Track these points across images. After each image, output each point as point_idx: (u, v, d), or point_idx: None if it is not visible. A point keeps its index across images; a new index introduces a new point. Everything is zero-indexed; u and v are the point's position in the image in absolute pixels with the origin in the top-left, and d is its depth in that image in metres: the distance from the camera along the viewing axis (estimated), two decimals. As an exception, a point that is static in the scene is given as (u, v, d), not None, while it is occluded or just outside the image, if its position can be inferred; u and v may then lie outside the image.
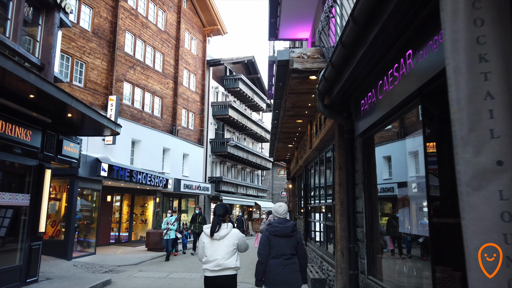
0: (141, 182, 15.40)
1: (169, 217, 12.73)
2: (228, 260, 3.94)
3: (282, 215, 4.45)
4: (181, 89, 22.47)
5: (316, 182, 10.08)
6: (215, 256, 3.93)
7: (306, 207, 11.91)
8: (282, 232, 4.21)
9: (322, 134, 7.46)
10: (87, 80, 15.49)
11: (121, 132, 17.55)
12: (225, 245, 3.97)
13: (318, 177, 9.37)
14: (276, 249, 4.15)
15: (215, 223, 4.06)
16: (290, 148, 13.33)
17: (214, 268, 3.91)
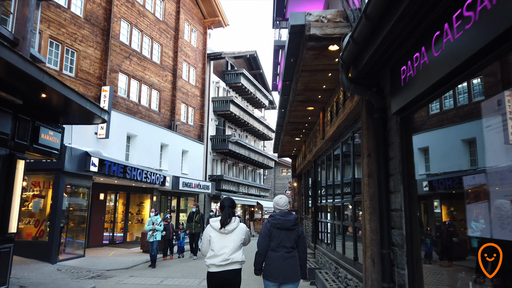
0: (136, 179, 14.34)
1: (154, 216, 11.11)
2: (235, 254, 3.87)
3: (283, 207, 4.33)
4: (180, 82, 21.42)
5: (329, 178, 9.00)
6: (223, 250, 3.83)
7: (315, 206, 10.83)
8: (284, 225, 4.11)
9: (340, 119, 6.38)
10: (78, 70, 14.44)
11: (116, 126, 16.57)
12: (234, 240, 3.90)
13: (332, 172, 8.29)
14: (277, 242, 4.08)
15: (227, 214, 3.93)
16: (297, 142, 12.25)
17: (222, 262, 3.81)
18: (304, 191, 14.43)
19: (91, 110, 6.91)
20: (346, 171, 7.17)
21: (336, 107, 6.68)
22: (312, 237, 11.81)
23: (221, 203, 4.17)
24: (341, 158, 7.31)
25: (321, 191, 10.00)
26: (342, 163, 7.31)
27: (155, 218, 11.02)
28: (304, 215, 14.16)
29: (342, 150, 7.32)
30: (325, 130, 8.08)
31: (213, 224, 3.96)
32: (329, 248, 8.58)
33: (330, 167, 8.66)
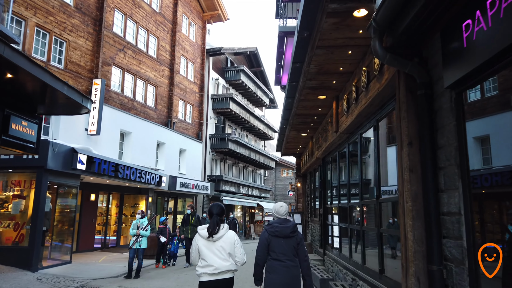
0: (129, 179, 13.34)
1: (139, 219, 9.49)
2: (225, 262, 3.75)
3: (283, 216, 4.23)
4: (177, 78, 20.44)
5: (342, 176, 8.01)
6: (213, 259, 3.72)
7: (324, 207, 9.85)
8: (282, 233, 4.04)
9: (361, 106, 5.40)
10: (68, 61, 13.46)
11: (108, 122, 15.56)
12: (222, 247, 3.77)
13: (347, 170, 7.30)
14: (278, 250, 4.01)
15: (215, 223, 3.81)
16: (303, 138, 11.27)
17: (214, 272, 3.70)
18: (309, 192, 13.44)
19: (70, 96, 5.92)
20: (368, 167, 6.18)
21: (356, 93, 5.70)
22: (320, 241, 10.83)
23: (210, 210, 4.02)
24: (359, 153, 6.33)
25: (332, 191, 9.01)
26: (360, 159, 6.32)
27: (141, 221, 9.42)
28: (310, 218, 13.17)
29: (360, 143, 6.34)
30: (339, 122, 7.11)
31: (200, 232, 3.82)
32: (343, 256, 7.59)
33: (344, 164, 7.68)
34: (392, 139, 4.96)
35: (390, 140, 5.08)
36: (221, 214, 3.94)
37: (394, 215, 5.14)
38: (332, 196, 8.93)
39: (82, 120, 13.60)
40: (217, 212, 3.91)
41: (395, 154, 4.82)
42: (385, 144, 5.27)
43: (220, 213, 3.93)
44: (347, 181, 7.17)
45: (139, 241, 9.22)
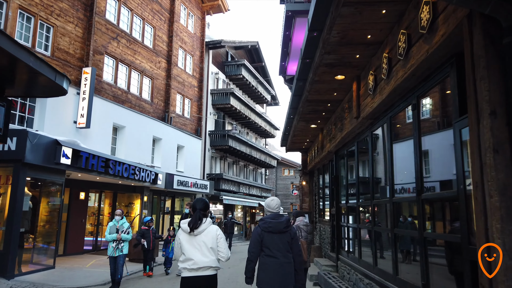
0: (121, 176, 12.27)
1: (119, 219, 7.86)
2: (206, 258, 3.54)
3: (275, 209, 4.10)
4: (175, 70, 19.37)
5: (361, 171, 6.95)
6: (192, 254, 3.55)
7: (336, 207, 8.79)
8: (275, 228, 3.92)
9: (396, 81, 4.34)
10: (55, 48, 12.39)
11: (100, 115, 14.41)
12: (203, 242, 3.58)
13: (370, 163, 6.23)
14: (271, 247, 3.88)
15: (197, 217, 3.65)
16: (312, 130, 10.21)
17: (192, 266, 3.51)
18: (317, 190, 12.38)
19: (39, 71, 4.85)
20: (399, 158, 5.11)
21: (387, 65, 4.64)
22: (331, 244, 9.77)
23: (193, 205, 3.85)
24: (390, 140, 5.26)
25: (347, 189, 7.95)
26: (390, 147, 5.25)
27: (120, 223, 7.82)
28: (318, 218, 12.10)
29: (390, 128, 5.27)
30: (360, 106, 6.05)
31: (182, 226, 3.70)
32: (363, 262, 6.53)
33: (365, 156, 6.61)
34: (443, 119, 3.90)
35: (442, 122, 4.01)
36: (204, 209, 3.77)
37: (441, 215, 4.08)
38: (348, 194, 7.87)
39: (70, 112, 12.54)
40: (201, 207, 3.75)
41: (441, 139, 3.77)
42: (434, 125, 4.20)
43: (203, 208, 3.77)
44: (371, 175, 6.10)
45: (120, 247, 7.59)
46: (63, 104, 12.26)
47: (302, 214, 6.06)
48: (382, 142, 5.74)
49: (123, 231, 7.66)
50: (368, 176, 6.20)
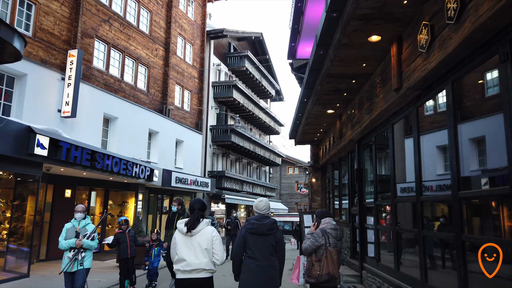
0: (110, 171, 10.91)
1: (81, 219, 5.43)
2: (201, 260, 3.46)
3: (262, 211, 3.96)
4: (174, 59, 18.01)
5: (400, 160, 5.54)
6: (186, 254, 3.48)
7: (360, 206, 7.38)
8: (258, 230, 3.82)
9: (476, 19, 2.94)
10: (37, 28, 11.05)
11: (89, 104, 12.92)
12: (198, 243, 3.51)
13: (415, 150, 4.81)
14: (253, 249, 3.79)
15: (195, 218, 3.58)
16: (329, 117, 8.81)
17: (186, 268, 3.45)
18: (331, 187, 10.98)
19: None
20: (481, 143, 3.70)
21: (459, 2, 3.23)
22: (351, 250, 8.37)
23: (191, 205, 3.74)
24: (453, 116, 3.84)
25: (376, 184, 6.53)
26: (453, 126, 3.83)
27: (82, 224, 5.43)
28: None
29: (452, 98, 3.86)
30: (403, 74, 4.65)
31: (179, 227, 3.60)
32: (402, 275, 5.12)
33: (410, 140, 5.20)
34: None
35: None
36: (202, 209, 3.72)
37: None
38: (378, 191, 6.46)
39: (54, 99, 11.20)
40: (199, 207, 3.69)
41: None
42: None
43: (201, 208, 3.71)
44: (417, 164, 4.69)
45: (81, 258, 5.19)
46: (45, 90, 10.92)
47: (329, 214, 4.65)
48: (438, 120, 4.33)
49: (85, 235, 5.25)
50: (414, 166, 4.78)
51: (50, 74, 11.17)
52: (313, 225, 4.54)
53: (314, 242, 4.24)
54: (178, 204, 7.24)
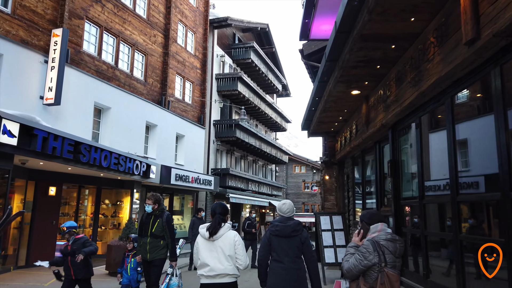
0: (99, 165, 9.60)
1: None
2: (223, 264, 3.42)
3: (286, 214, 3.88)
4: (174, 47, 16.68)
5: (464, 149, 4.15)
6: (209, 259, 3.45)
7: (396, 205, 5.97)
8: (282, 232, 3.75)
9: None
10: (18, 5, 9.77)
11: (77, 91, 11.03)
12: (220, 247, 3.47)
13: (499, 128, 3.40)
14: (278, 251, 3.72)
15: (216, 222, 3.55)
16: (353, 99, 7.40)
17: (210, 273, 3.42)
18: (351, 184, 9.57)
19: None
20: None
21: None
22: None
23: (213, 210, 3.70)
24: None
25: (422, 177, 5.12)
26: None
27: None
28: (353, 221, 9.30)
29: None
30: (481, 19, 3.25)
31: (201, 231, 3.57)
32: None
33: (485, 119, 3.80)
34: None
35: None
36: (224, 213, 3.64)
37: None
38: (424, 186, 5.04)
39: (36, 85, 9.90)
40: (220, 211, 3.64)
41: None
42: None
43: (223, 212, 3.64)
44: (504, 153, 3.28)
45: None
46: (25, 74, 9.63)
47: (380, 217, 3.17)
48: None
49: None
50: (499, 154, 3.37)
51: (31, 56, 9.88)
52: (358, 234, 3.12)
53: (362, 260, 2.86)
54: (153, 202, 5.42)
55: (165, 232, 5.47)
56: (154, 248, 5.37)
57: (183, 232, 17.29)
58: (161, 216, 5.46)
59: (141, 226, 5.58)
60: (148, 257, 5.37)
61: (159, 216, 5.47)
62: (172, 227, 5.54)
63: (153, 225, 5.41)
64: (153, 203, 5.44)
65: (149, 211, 5.44)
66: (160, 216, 5.46)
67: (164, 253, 5.45)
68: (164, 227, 5.43)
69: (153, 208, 5.45)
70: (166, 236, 5.47)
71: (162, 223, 5.45)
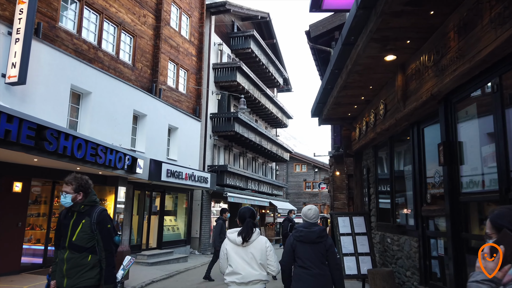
0: (71, 156, 8.01)
1: None
2: (255, 271, 3.34)
3: (312, 220, 3.85)
4: (167, 31, 15.12)
5: None
6: (241, 266, 3.36)
7: (453, 202, 4.41)
8: (307, 238, 3.71)
9: None
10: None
11: (50, 70, 8.90)
12: (252, 253, 3.38)
13: None
14: (303, 257, 3.68)
15: (249, 227, 3.45)
16: (383, 70, 5.85)
17: (243, 280, 3.32)
18: (374, 179, 8.00)
19: None
20: None
21: None
22: (420, 270, 5.40)
23: (241, 214, 3.60)
24: None
25: (504, 162, 3.56)
26: None
27: None
28: (377, 223, 7.74)
29: None
30: None
31: (230, 237, 3.47)
32: None
33: None
34: None
35: None
36: (253, 217, 3.57)
37: None
38: (510, 174, 3.49)
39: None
40: (250, 215, 3.55)
41: None
42: None
43: (252, 216, 3.57)
44: None
45: None
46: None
47: None
48: None
49: None
50: None
51: (-9, 27, 8.30)
52: (492, 255, 1.54)
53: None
54: (75, 188, 3.26)
55: (96, 242, 3.21)
56: (75, 269, 3.13)
57: (176, 235, 15.72)
58: (89, 214, 3.25)
59: (58, 231, 3.42)
60: (65, 284, 3.14)
61: (85, 213, 3.25)
62: (108, 233, 3.25)
63: (74, 230, 3.18)
64: (75, 190, 3.25)
65: (68, 204, 3.26)
66: (87, 213, 3.25)
67: (93, 277, 3.17)
68: (93, 233, 3.19)
69: (75, 200, 3.24)
70: (98, 248, 3.21)
71: (90, 226, 3.20)
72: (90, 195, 3.33)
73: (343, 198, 12.43)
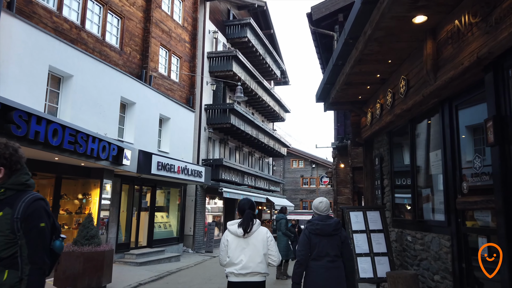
0: (44, 142, 7.04)
1: None
2: (256, 263, 3.36)
3: (323, 212, 3.85)
4: (158, 13, 14.12)
5: None
6: (241, 257, 3.38)
7: (506, 194, 3.52)
8: (323, 231, 3.69)
9: None
10: None
11: (24, 50, 7.64)
12: (253, 244, 3.41)
13: None
14: (318, 250, 3.66)
15: (249, 218, 3.48)
16: (408, 37, 4.94)
17: (241, 271, 3.34)
18: (389, 170, 7.10)
19: None
20: None
21: None
22: (454, 275, 4.53)
23: (241, 206, 3.62)
24: None
25: None
26: None
27: None
28: (393, 218, 6.84)
29: None
30: None
31: (230, 228, 3.49)
32: None
33: None
34: None
35: None
36: (253, 209, 3.61)
37: None
38: None
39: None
40: (249, 207, 3.58)
41: None
42: None
43: (252, 207, 3.60)
44: None
45: None
46: None
47: None
48: None
49: None
50: None
51: (-46, -4, 7.28)
52: None
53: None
54: None
55: (19, 249, 2.03)
56: None
57: (168, 232, 14.77)
58: (10, 204, 2.06)
59: None
60: None
61: (5, 202, 2.07)
62: (39, 236, 2.09)
63: None
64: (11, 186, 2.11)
65: None
66: (9, 203, 2.07)
67: None
68: (15, 234, 2.03)
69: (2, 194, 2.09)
70: (20, 260, 2.03)
71: (11, 223, 2.01)
72: (18, 174, 2.12)
73: (348, 192, 11.55)
